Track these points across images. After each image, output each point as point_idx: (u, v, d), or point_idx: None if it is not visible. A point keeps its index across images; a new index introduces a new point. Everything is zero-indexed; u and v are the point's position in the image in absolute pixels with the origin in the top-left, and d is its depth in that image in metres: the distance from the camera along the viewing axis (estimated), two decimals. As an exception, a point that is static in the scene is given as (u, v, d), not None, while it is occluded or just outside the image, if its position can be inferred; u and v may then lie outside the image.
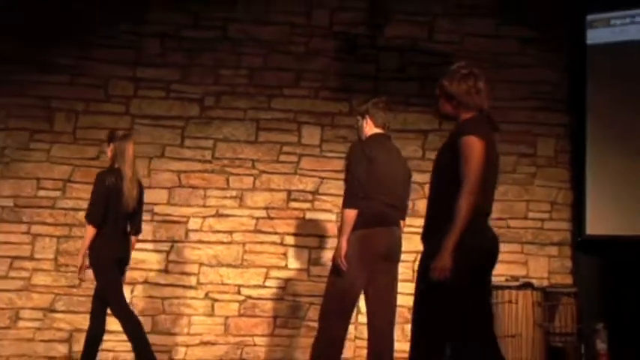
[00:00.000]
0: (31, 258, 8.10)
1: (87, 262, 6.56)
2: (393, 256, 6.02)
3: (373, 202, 5.84)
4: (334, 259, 5.93)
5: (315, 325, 7.30)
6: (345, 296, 5.84)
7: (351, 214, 5.78)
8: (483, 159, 4.22)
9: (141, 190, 6.85)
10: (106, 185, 6.53)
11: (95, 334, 6.56)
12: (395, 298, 6.14)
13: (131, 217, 6.72)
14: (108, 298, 6.52)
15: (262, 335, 7.86)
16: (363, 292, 5.97)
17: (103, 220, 6.50)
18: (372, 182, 5.85)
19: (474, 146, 4.22)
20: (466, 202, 4.16)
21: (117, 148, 6.61)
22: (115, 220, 6.56)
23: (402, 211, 6.20)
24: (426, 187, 8.00)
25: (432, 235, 4.37)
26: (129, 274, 7.59)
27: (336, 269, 5.81)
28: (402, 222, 6.18)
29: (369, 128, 6.21)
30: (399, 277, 6.84)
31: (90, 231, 6.48)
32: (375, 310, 6.05)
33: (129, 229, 6.77)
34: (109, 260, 6.54)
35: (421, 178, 8.02)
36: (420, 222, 8.25)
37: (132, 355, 7.14)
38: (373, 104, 6.32)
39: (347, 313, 5.88)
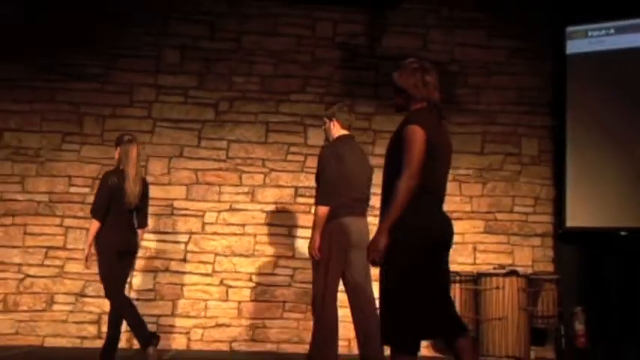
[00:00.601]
0: (64, 248, 8.29)
1: (93, 252, 6.70)
2: (362, 242, 5.99)
3: (342, 198, 6.07)
4: (309, 250, 6.13)
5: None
6: (330, 281, 6.02)
7: (324, 210, 6.04)
8: (423, 146, 4.18)
9: (144, 187, 6.90)
10: (109, 184, 6.67)
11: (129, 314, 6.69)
12: (370, 282, 6.21)
13: (135, 212, 6.81)
14: (104, 283, 6.65)
15: (272, 318, 7.94)
16: (342, 278, 6.16)
17: (106, 214, 6.62)
18: (341, 179, 6.09)
19: (415, 135, 4.19)
20: (403, 186, 4.14)
21: (122, 150, 6.75)
22: (117, 215, 6.67)
23: (365, 203, 6.38)
24: None
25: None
26: (151, 263, 8.02)
27: (324, 258, 6.00)
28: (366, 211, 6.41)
29: (336, 130, 6.42)
30: None
31: (94, 224, 6.63)
32: (354, 293, 6.20)
33: (136, 222, 6.84)
34: (109, 251, 6.64)
35: None
36: None
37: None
38: (339, 108, 6.53)
39: (335, 296, 6.04)
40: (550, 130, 8.87)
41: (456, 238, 8.49)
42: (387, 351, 4.45)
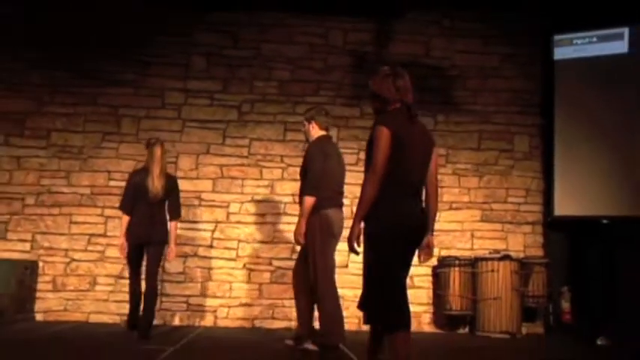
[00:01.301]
0: (105, 235, 8.54)
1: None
2: (340, 231, 6.31)
3: (327, 191, 6.24)
4: (294, 236, 6.23)
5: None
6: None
7: (311, 200, 6.16)
8: (388, 144, 4.26)
9: (170, 183, 7.04)
10: (133, 182, 7.01)
11: (144, 293, 6.96)
12: (334, 266, 6.43)
13: (160, 205, 6.96)
14: (128, 267, 7.17)
15: (290, 299, 7.84)
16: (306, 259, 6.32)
17: (132, 208, 6.95)
18: (326, 174, 6.26)
19: (381, 135, 4.29)
20: (369, 180, 4.27)
21: (149, 151, 7.00)
22: (141, 209, 6.93)
23: (342, 197, 6.52)
24: None
25: None
26: (181, 249, 8.10)
27: (312, 247, 6.12)
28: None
29: (315, 131, 6.59)
30: None
31: (123, 218, 7.01)
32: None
33: (167, 215, 7.00)
34: (129, 241, 6.94)
35: None
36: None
37: (185, 313, 7.92)
38: (317, 111, 6.72)
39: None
40: (540, 128, 9.01)
41: (455, 226, 8.96)
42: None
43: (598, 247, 8.48)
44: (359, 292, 7.74)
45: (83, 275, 8.51)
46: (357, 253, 4.34)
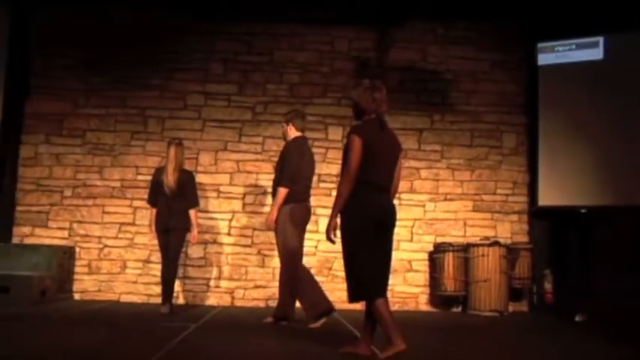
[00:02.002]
0: (133, 224, 8.77)
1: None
2: (307, 221, 6.70)
3: (300, 184, 6.51)
4: (267, 222, 6.56)
5: (339, 274, 8.00)
6: (296, 249, 6.48)
7: (285, 192, 6.42)
8: (360, 150, 4.59)
9: (184, 178, 7.35)
10: (154, 179, 7.48)
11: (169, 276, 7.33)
12: (302, 254, 6.70)
13: (177, 197, 7.25)
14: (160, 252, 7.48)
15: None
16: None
17: (155, 201, 7.38)
18: (300, 170, 6.51)
19: (353, 142, 4.63)
20: (343, 181, 4.64)
21: (167, 152, 7.44)
22: (161, 201, 7.32)
23: (310, 190, 6.77)
24: (421, 171, 8.90)
25: None
26: (202, 236, 8.23)
27: (282, 233, 6.41)
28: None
29: (292, 132, 6.81)
30: (398, 237, 7.74)
31: (150, 210, 7.48)
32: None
33: (187, 206, 7.30)
34: (158, 229, 7.31)
35: (417, 164, 8.93)
36: (418, 198, 9.21)
37: (205, 294, 8.19)
38: (294, 115, 6.96)
39: (301, 258, 6.56)
40: (526, 127, 9.10)
41: (449, 215, 9.08)
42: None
43: (577, 233, 8.63)
44: None
45: (115, 260, 8.72)
46: (333, 242, 4.70)
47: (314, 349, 5.02)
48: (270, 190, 8.44)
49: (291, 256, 6.50)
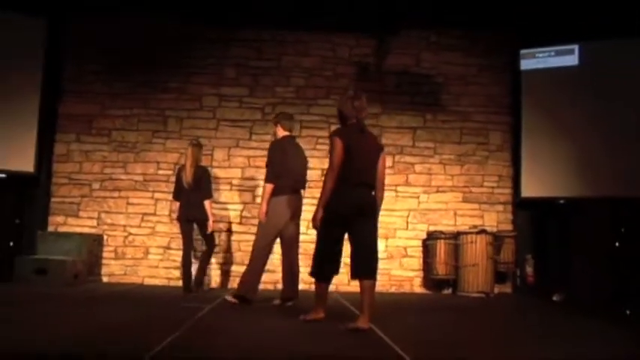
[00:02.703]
0: (155, 214, 8.93)
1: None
2: (298, 213, 6.69)
3: (284, 179, 6.53)
4: (258, 215, 6.64)
5: (344, 260, 8.33)
6: (269, 239, 6.59)
7: (270, 187, 6.52)
8: (341, 151, 5.02)
9: (200, 174, 7.63)
10: (176, 176, 7.81)
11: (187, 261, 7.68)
12: (298, 241, 6.83)
13: (195, 191, 7.54)
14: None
15: (306, 266, 7.34)
16: (279, 236, 6.67)
17: (178, 195, 7.71)
18: (284, 166, 6.54)
19: (334, 144, 5.07)
20: (327, 179, 5.08)
21: (186, 151, 7.79)
22: (182, 195, 7.66)
23: (302, 184, 6.83)
24: (416, 166, 9.12)
25: None
26: (216, 225, 8.18)
27: (261, 223, 6.56)
28: (302, 190, 6.85)
29: (280, 132, 6.89)
30: (395, 226, 8.17)
31: (175, 203, 7.87)
32: (289, 248, 6.72)
33: (202, 197, 7.55)
34: (180, 219, 7.68)
35: (412, 160, 9.08)
36: (413, 190, 9.23)
37: (220, 278, 8.30)
38: (282, 115, 7.07)
39: (270, 249, 6.69)
40: (510, 125, 9.20)
41: (440, 206, 9.16)
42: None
43: (556, 222, 8.77)
44: None
45: (138, 246, 8.89)
46: (317, 230, 5.26)
47: (320, 327, 5.15)
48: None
49: (262, 244, 6.64)
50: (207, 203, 7.65)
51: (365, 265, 5.16)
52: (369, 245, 5.23)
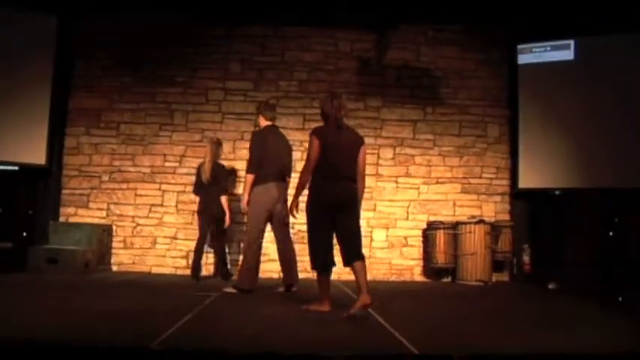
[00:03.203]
0: (162, 205, 8.98)
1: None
2: (283, 198, 6.69)
3: (266, 168, 6.56)
4: (241, 205, 6.71)
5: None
6: (256, 231, 6.62)
7: (251, 177, 6.58)
8: (317, 147, 5.25)
9: (215, 169, 7.79)
10: (197, 172, 7.96)
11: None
12: (288, 224, 6.79)
13: (213, 186, 7.72)
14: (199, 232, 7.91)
15: (306, 255, 7.68)
16: (270, 223, 6.72)
17: (198, 190, 7.89)
18: (265, 156, 6.56)
19: (313, 141, 5.32)
20: (302, 172, 5.36)
21: (206, 148, 7.98)
22: (202, 191, 7.85)
23: (285, 172, 6.80)
24: (416, 157, 9.14)
25: None
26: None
27: (249, 212, 6.61)
28: (287, 178, 6.86)
29: (262, 121, 6.89)
30: (395, 216, 8.18)
31: (196, 198, 7.98)
32: (279, 235, 6.77)
33: (218, 193, 7.73)
34: (201, 213, 7.85)
35: (412, 152, 9.10)
36: (413, 181, 9.20)
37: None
38: (263, 106, 7.04)
39: (260, 242, 6.68)
40: (507, 118, 9.24)
41: (440, 197, 9.18)
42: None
43: (552, 212, 8.79)
44: (365, 250, 8.06)
45: (146, 236, 8.94)
46: (294, 217, 5.62)
47: (323, 314, 5.19)
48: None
49: (252, 231, 6.63)
50: (223, 199, 7.82)
51: (354, 252, 5.31)
52: (355, 233, 5.38)
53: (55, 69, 8.72)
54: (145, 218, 8.99)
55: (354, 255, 5.28)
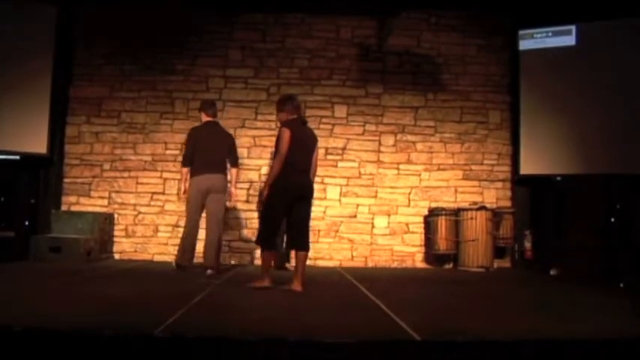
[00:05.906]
0: (163, 193, 9.00)
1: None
2: (214, 188, 7.16)
3: (199, 161, 7.12)
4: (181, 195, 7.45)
5: (345, 236, 8.52)
6: (190, 214, 7.17)
7: (185, 170, 7.26)
8: (289, 140, 5.76)
9: None
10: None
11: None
12: (221, 211, 7.33)
13: None
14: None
15: (311, 242, 7.25)
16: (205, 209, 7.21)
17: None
18: (197, 150, 7.15)
19: (283, 133, 5.82)
20: (275, 163, 5.80)
21: None
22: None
23: (219, 164, 7.21)
24: (417, 144, 9.18)
25: None
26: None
27: (186, 200, 7.27)
28: (233, 169, 7.41)
29: (204, 118, 7.43)
30: (397, 203, 8.05)
31: None
32: (208, 222, 7.20)
33: None
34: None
35: (413, 138, 9.12)
36: (415, 168, 9.25)
37: (227, 254, 8.33)
38: (203, 104, 7.59)
39: (193, 224, 7.18)
40: (509, 104, 9.21)
41: (442, 183, 9.23)
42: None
43: (553, 198, 8.81)
44: (366, 237, 8.13)
45: (148, 225, 8.98)
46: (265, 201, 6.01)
47: (323, 301, 5.28)
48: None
49: (186, 214, 7.28)
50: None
51: (302, 240, 5.91)
52: (305, 219, 5.96)
53: (56, 58, 8.68)
54: (147, 206, 9.02)
55: (302, 244, 5.89)
